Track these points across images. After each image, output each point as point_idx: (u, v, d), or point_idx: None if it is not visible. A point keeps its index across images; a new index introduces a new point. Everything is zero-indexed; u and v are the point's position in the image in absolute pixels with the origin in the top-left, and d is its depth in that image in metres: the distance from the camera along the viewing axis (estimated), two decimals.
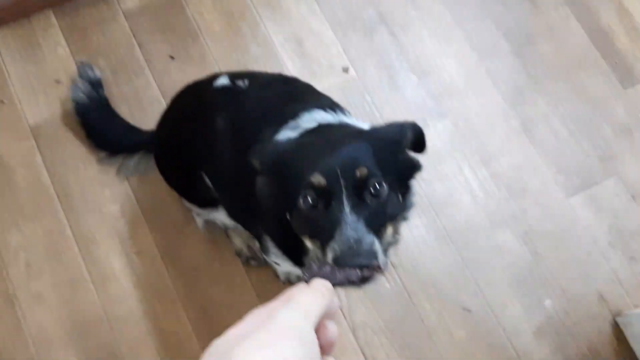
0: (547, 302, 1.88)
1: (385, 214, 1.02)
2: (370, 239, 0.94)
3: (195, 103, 1.57)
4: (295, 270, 1.59)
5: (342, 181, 0.98)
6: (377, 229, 0.98)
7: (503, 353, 1.83)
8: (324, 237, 0.97)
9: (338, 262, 0.90)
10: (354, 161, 1.00)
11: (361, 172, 0.99)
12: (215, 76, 1.55)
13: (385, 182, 1.01)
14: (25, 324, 1.82)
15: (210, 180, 1.53)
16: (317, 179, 0.99)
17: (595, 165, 2.05)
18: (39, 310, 1.83)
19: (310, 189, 0.99)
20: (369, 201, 0.99)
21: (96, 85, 1.99)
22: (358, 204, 0.98)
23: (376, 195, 1.00)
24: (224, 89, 1.48)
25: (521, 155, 2.05)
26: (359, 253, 0.91)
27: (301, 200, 1.01)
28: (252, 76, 1.52)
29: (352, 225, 0.94)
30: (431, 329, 1.84)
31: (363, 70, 2.13)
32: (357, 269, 0.84)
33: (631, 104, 2.13)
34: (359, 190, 0.99)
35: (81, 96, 1.95)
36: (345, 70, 2.12)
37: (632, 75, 2.17)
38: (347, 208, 0.96)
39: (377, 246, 0.94)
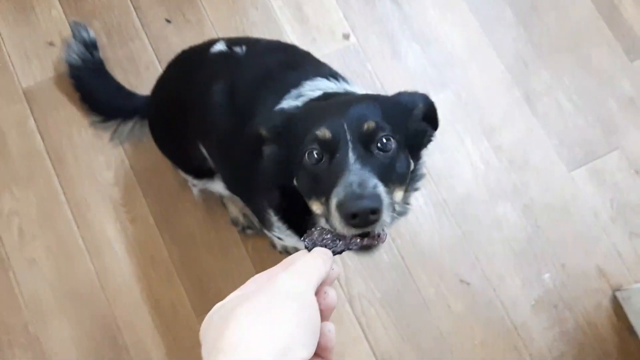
0: (546, 276, 1.87)
1: (393, 169, 0.98)
2: (373, 182, 0.90)
3: (191, 69, 1.53)
4: (298, 244, 1.53)
5: (348, 134, 0.95)
6: (384, 183, 0.93)
7: (500, 326, 1.83)
8: (328, 190, 0.93)
9: (342, 208, 0.86)
10: (361, 116, 0.98)
11: (369, 125, 0.96)
12: (211, 42, 1.51)
13: (393, 138, 0.98)
14: (18, 290, 1.81)
15: (206, 151, 1.50)
16: (322, 132, 0.96)
17: (599, 139, 2.02)
18: (33, 276, 1.82)
19: (315, 142, 0.97)
20: (375, 153, 0.96)
21: (90, 47, 1.95)
22: (364, 155, 0.94)
23: (384, 149, 0.97)
24: (220, 55, 1.45)
25: (523, 127, 2.02)
26: (362, 195, 0.87)
27: (306, 156, 0.98)
28: (250, 42, 1.49)
29: (354, 171, 0.91)
30: (428, 301, 1.84)
31: (364, 37, 2.08)
32: (358, 238, 0.82)
33: (637, 77, 2.09)
34: (366, 143, 0.96)
35: (74, 58, 1.91)
36: (346, 37, 2.07)
37: (638, 47, 2.12)
38: (351, 158, 0.93)
39: (381, 189, 0.90)
